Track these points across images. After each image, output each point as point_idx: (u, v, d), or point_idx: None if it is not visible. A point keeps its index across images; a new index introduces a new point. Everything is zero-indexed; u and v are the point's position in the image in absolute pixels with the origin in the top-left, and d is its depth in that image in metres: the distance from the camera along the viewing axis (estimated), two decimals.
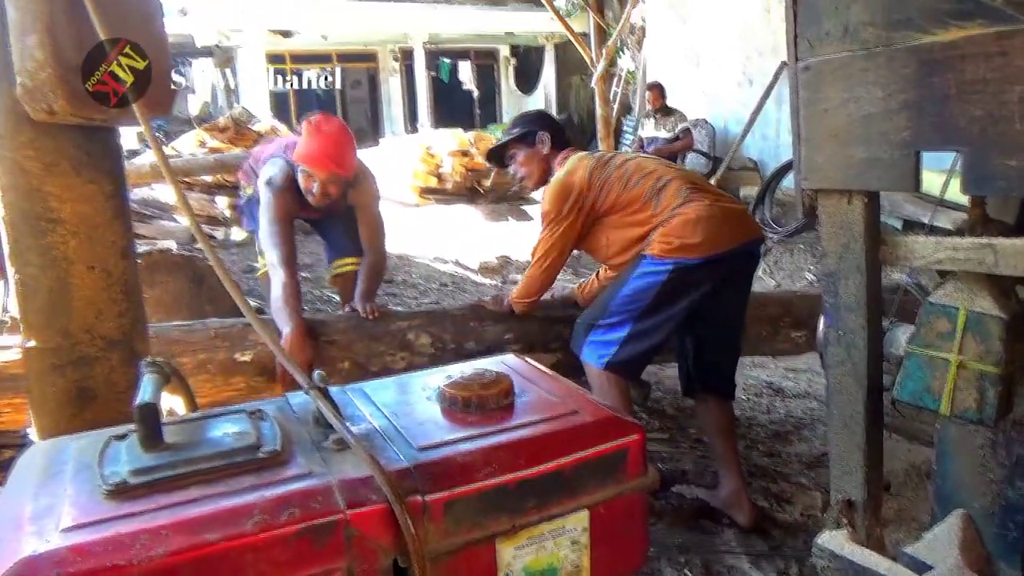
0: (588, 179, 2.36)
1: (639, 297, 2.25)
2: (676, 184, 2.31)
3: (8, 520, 0.80)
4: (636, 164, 2.42)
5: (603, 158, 2.46)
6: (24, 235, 1.28)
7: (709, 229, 2.20)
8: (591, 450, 0.92)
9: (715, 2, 8.28)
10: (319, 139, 2.55)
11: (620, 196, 2.34)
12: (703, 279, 2.23)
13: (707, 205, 2.24)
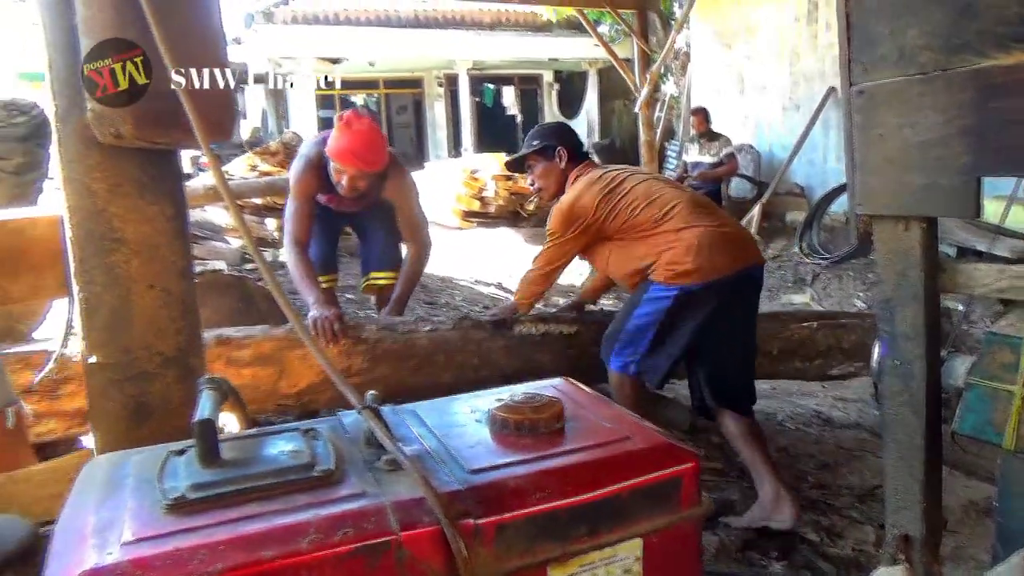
0: (595, 207, 2.46)
1: (649, 324, 2.36)
2: (681, 209, 2.40)
3: (72, 532, 0.82)
4: (644, 189, 2.49)
5: (612, 184, 2.53)
6: (89, 254, 1.32)
7: (711, 255, 2.29)
8: (645, 477, 0.91)
9: (761, 28, 8.24)
10: (348, 136, 2.65)
11: (626, 222, 2.44)
12: (707, 301, 2.31)
13: (710, 231, 2.33)
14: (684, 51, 10.84)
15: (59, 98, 1.27)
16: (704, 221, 2.36)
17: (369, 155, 2.67)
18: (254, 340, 2.44)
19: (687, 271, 2.29)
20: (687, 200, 2.46)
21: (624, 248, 2.48)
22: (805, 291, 6.22)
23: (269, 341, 2.46)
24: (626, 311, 2.48)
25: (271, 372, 2.42)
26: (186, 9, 1.25)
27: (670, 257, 2.33)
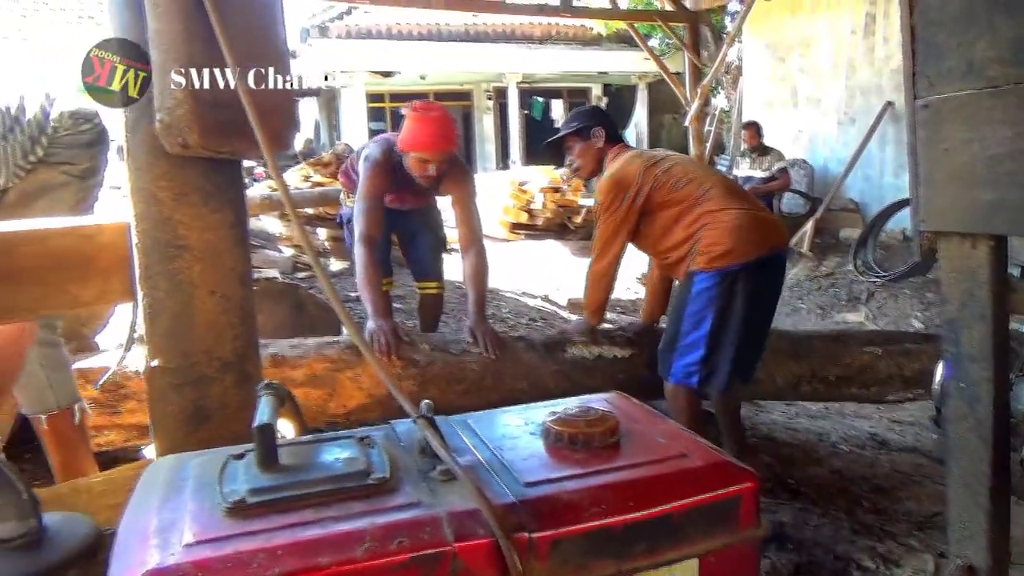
0: (640, 176, 2.53)
1: (702, 313, 2.42)
2: (716, 191, 2.51)
3: (135, 532, 0.84)
4: (682, 168, 2.60)
5: (653, 158, 2.63)
6: (154, 261, 1.36)
7: (748, 235, 2.41)
8: (702, 496, 0.89)
9: (816, 40, 8.11)
10: (428, 123, 2.76)
11: (669, 195, 2.52)
12: (747, 281, 2.42)
13: (744, 213, 2.45)
14: (736, 64, 10.74)
15: (130, 109, 1.32)
16: (737, 204, 2.49)
17: (451, 135, 2.82)
18: (307, 361, 2.49)
19: (726, 252, 2.39)
20: (720, 182, 2.60)
21: (669, 223, 2.53)
22: (859, 310, 6.08)
23: (321, 362, 2.50)
24: (676, 315, 2.51)
25: (322, 393, 2.47)
26: (252, 23, 1.28)
27: (709, 239, 2.42)
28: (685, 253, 2.52)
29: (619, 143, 2.73)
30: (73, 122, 1.94)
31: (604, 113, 2.93)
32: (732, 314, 2.43)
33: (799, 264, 7.10)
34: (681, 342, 2.47)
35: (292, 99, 1.34)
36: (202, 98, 1.21)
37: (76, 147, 1.96)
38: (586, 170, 2.76)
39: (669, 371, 2.50)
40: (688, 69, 9.14)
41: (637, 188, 2.52)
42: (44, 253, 1.43)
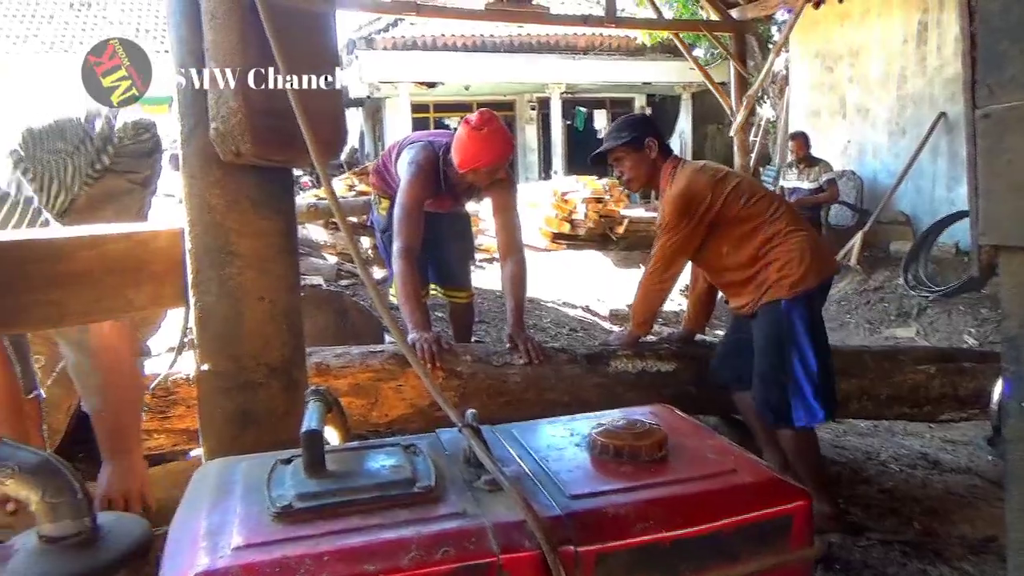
0: (711, 191, 2.46)
1: (800, 343, 2.37)
2: (784, 212, 2.49)
3: (185, 534, 0.85)
4: (748, 185, 2.57)
5: (718, 172, 2.57)
6: (206, 266, 1.39)
7: (819, 258, 2.43)
8: (753, 513, 0.87)
9: (866, 49, 7.96)
10: (485, 140, 2.74)
11: (740, 211, 2.46)
12: (819, 303, 2.46)
13: (811, 236, 2.47)
14: (782, 74, 10.59)
15: (185, 118, 1.35)
16: (803, 227, 2.49)
17: (508, 147, 2.85)
18: (351, 370, 2.51)
19: (803, 275, 2.37)
20: (785, 206, 2.57)
21: (735, 240, 2.48)
22: (910, 325, 5.92)
23: (365, 372, 2.53)
24: (775, 353, 2.40)
25: (365, 402, 2.49)
26: (305, 35, 1.30)
27: (784, 261, 2.39)
28: (750, 275, 2.46)
29: (671, 155, 2.66)
30: (135, 132, 2.04)
31: (653, 122, 2.86)
32: (820, 335, 2.42)
33: (847, 278, 6.95)
34: (791, 381, 2.37)
35: (342, 109, 1.36)
36: (255, 108, 1.24)
37: (138, 156, 2.05)
38: (637, 183, 2.66)
39: (788, 416, 2.37)
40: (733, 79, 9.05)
41: (708, 204, 2.45)
42: (100, 258, 1.46)
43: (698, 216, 2.46)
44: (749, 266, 2.46)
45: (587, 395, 2.64)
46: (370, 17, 12.95)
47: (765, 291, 2.41)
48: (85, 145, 1.94)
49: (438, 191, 2.87)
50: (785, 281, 2.37)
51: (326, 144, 1.29)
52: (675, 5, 10.76)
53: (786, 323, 2.36)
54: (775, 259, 2.40)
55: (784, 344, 2.37)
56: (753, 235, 2.45)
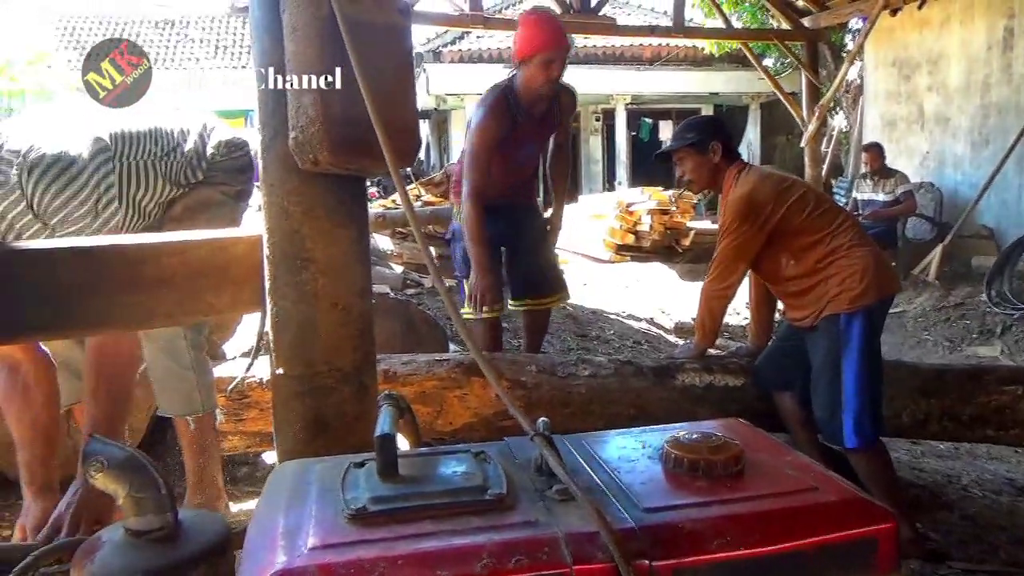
0: (775, 198, 2.44)
1: (857, 358, 2.32)
2: (849, 226, 2.46)
3: (264, 533, 0.87)
4: (814, 195, 2.54)
5: (784, 180, 2.55)
6: (282, 272, 1.42)
7: (881, 274, 2.38)
8: (836, 533, 0.84)
9: (947, 57, 7.67)
10: (542, 23, 2.91)
11: (803, 222, 2.43)
12: (878, 320, 2.40)
13: (875, 252, 2.43)
14: (856, 83, 10.31)
15: (266, 128, 1.39)
16: (868, 242, 2.46)
17: (562, 31, 2.96)
18: (418, 378, 2.55)
19: (863, 291, 2.32)
20: (850, 219, 2.54)
21: (797, 250, 2.45)
22: (994, 344, 5.65)
23: (431, 380, 2.56)
24: (831, 368, 2.36)
25: (430, 411, 2.52)
26: (382, 46, 1.32)
27: (846, 275, 2.35)
28: (809, 286, 2.43)
29: (738, 160, 2.63)
30: (228, 150, 2.17)
31: (721, 125, 2.82)
32: (878, 353, 2.39)
33: (924, 293, 6.69)
34: (843, 399, 2.33)
35: (416, 118, 1.38)
36: (333, 117, 1.26)
37: (231, 171, 2.16)
38: (698, 185, 2.67)
39: (848, 437, 2.33)
40: (805, 89, 8.85)
41: (769, 211, 2.43)
42: (183, 263, 1.52)
43: (759, 222, 2.42)
44: (809, 277, 2.42)
45: (653, 409, 2.61)
46: (437, 31, 13.17)
47: (825, 305, 2.37)
48: (175, 153, 2.04)
49: (514, 125, 2.93)
50: (845, 295, 2.33)
51: (401, 153, 1.31)
52: (744, 15, 10.60)
53: (844, 338, 2.33)
54: (836, 272, 2.36)
55: (840, 360, 2.34)
56: (815, 247, 2.41)
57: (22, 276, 1.36)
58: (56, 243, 1.54)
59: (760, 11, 10.31)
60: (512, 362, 2.70)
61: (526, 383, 2.59)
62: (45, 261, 1.39)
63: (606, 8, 8.04)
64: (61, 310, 1.38)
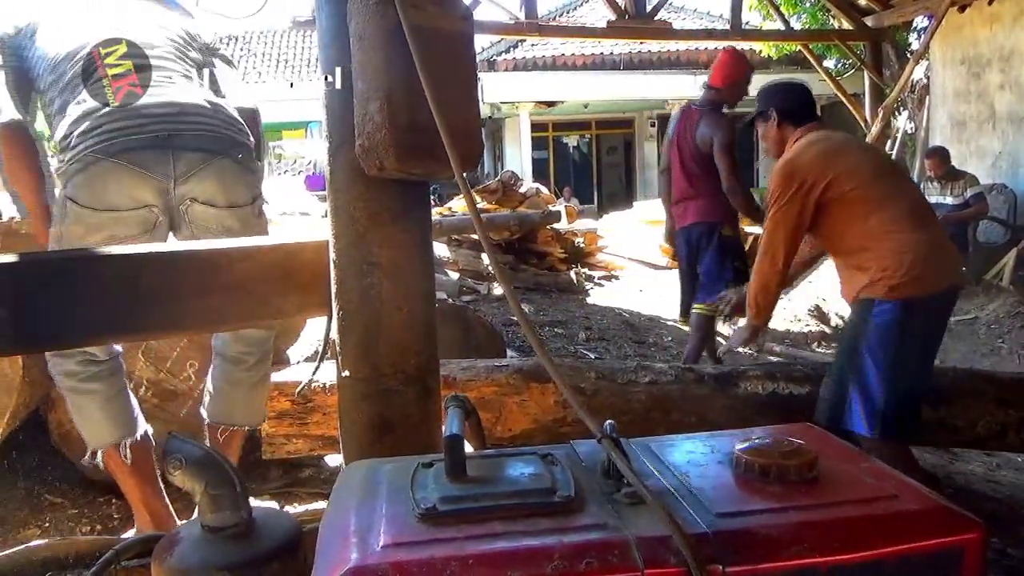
0: (815, 164, 2.32)
1: (883, 349, 2.19)
2: (908, 203, 2.31)
3: (336, 531, 0.88)
4: (872, 164, 2.39)
5: (839, 146, 2.42)
6: (348, 276, 1.44)
7: (934, 266, 2.21)
8: (918, 543, 0.81)
9: (1019, 53, 7.38)
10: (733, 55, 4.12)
11: (849, 192, 2.28)
12: (928, 314, 2.24)
13: (930, 241, 2.25)
14: (922, 83, 9.99)
15: (333, 135, 1.42)
16: (927, 224, 2.30)
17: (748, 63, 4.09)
18: (477, 384, 2.56)
19: (906, 281, 2.18)
20: (913, 194, 2.41)
21: (846, 222, 2.32)
22: None
23: (490, 386, 2.57)
24: (851, 350, 2.30)
25: (489, 416, 2.53)
26: (446, 53, 1.34)
27: (891, 260, 2.20)
28: (853, 263, 2.32)
29: (805, 124, 2.51)
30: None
31: (785, 91, 2.68)
32: (910, 351, 2.23)
33: (998, 299, 6.42)
34: (858, 385, 2.24)
35: (479, 124, 1.39)
36: (399, 123, 1.28)
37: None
38: (773, 153, 2.60)
39: (842, 418, 2.26)
40: (868, 90, 8.62)
41: (812, 180, 2.29)
42: (254, 268, 1.56)
43: (802, 192, 2.29)
44: (852, 255, 2.31)
45: (714, 416, 2.57)
46: (492, 40, 13.26)
47: (863, 286, 2.25)
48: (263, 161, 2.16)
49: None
50: (883, 283, 2.20)
51: (465, 158, 1.32)
52: (803, 16, 10.38)
53: (871, 324, 2.22)
54: (880, 255, 2.22)
55: (860, 344, 2.23)
56: (860, 221, 2.28)
57: (108, 280, 1.41)
58: (138, 248, 1.60)
59: (820, 11, 10.08)
60: (572, 368, 2.70)
61: (585, 389, 2.57)
62: (129, 266, 1.45)
63: (662, 12, 7.98)
64: (141, 313, 1.43)
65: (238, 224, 2.10)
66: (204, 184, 2.03)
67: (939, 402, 2.58)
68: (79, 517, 2.53)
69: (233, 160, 2.07)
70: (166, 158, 1.97)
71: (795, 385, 2.63)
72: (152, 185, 1.98)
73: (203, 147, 2.02)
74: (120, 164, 1.94)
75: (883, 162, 2.59)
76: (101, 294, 1.43)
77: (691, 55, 13.94)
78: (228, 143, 2.08)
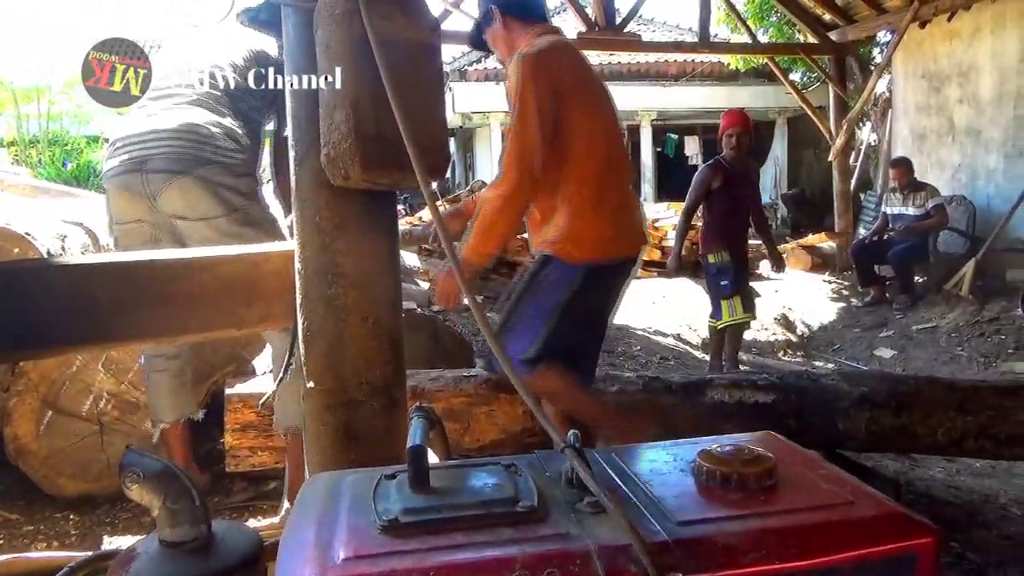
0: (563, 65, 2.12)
1: (547, 300, 2.18)
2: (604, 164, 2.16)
3: (297, 543, 0.87)
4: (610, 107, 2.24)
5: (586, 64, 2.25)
6: (313, 287, 1.44)
7: (614, 231, 2.18)
8: (873, 548, 0.82)
9: (978, 69, 7.57)
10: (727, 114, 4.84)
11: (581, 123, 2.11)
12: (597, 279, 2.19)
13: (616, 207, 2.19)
14: (884, 96, 10.21)
15: (299, 144, 1.41)
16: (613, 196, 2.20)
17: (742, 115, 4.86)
18: (445, 394, 2.55)
19: (586, 243, 2.13)
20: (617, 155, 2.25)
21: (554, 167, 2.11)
22: None
23: (458, 396, 2.56)
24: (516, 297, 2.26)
25: (457, 427, 2.53)
26: (412, 64, 1.34)
27: (570, 224, 2.12)
28: (548, 215, 2.19)
29: (534, 22, 2.25)
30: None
31: None
32: (575, 310, 2.19)
33: (958, 308, 6.57)
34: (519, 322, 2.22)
35: (446, 134, 1.39)
36: (365, 133, 1.28)
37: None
38: (502, 58, 2.35)
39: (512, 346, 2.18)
40: (833, 103, 8.79)
41: (558, 80, 2.05)
42: (215, 278, 1.54)
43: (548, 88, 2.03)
44: (546, 203, 2.17)
45: (681, 426, 2.59)
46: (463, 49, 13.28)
47: (546, 242, 2.19)
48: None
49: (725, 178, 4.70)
50: (561, 243, 2.14)
51: (432, 168, 1.33)
52: (770, 29, 10.57)
53: (540, 276, 2.19)
54: (566, 214, 2.13)
55: (528, 289, 2.21)
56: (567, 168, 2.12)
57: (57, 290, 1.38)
58: (92, 258, 1.57)
59: (786, 25, 10.27)
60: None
61: None
62: (84, 276, 1.42)
63: (631, 25, 8.06)
64: (95, 324, 1.40)
65: (215, 234, 2.28)
66: (173, 201, 2.28)
67: (900, 409, 2.63)
68: (35, 534, 2.47)
69: (194, 177, 2.26)
70: (141, 180, 2.27)
71: (761, 394, 2.66)
72: (137, 202, 2.31)
73: (167, 168, 2.26)
74: (113, 186, 2.33)
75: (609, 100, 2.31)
76: (57, 304, 1.41)
77: (660, 67, 14.10)
78: (192, 162, 2.26)
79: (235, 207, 2.31)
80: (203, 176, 2.27)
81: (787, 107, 14.17)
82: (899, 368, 5.87)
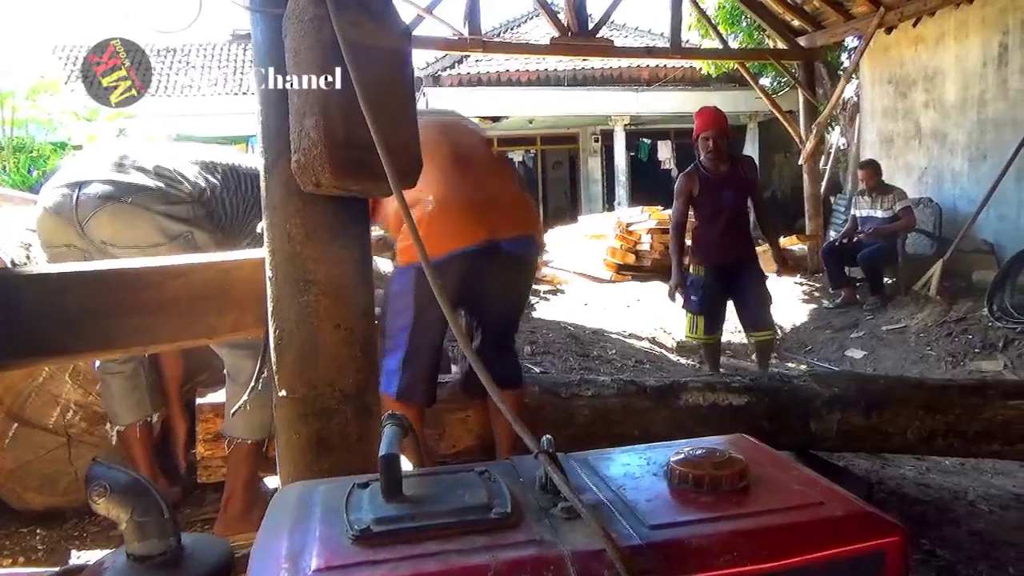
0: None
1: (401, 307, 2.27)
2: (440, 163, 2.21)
3: (268, 554, 0.86)
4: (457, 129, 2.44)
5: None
6: (285, 294, 1.43)
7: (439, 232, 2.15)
8: (842, 548, 0.84)
9: (942, 74, 7.72)
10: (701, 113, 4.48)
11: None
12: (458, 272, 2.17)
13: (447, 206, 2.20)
14: (852, 100, 10.37)
15: (268, 151, 1.40)
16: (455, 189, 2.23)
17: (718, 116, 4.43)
18: None
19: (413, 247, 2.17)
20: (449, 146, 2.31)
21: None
22: (996, 358, 5.63)
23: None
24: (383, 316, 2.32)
25: (432, 433, 2.52)
26: (383, 70, 1.34)
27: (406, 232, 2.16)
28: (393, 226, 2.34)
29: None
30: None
31: None
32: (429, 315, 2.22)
33: (926, 308, 6.68)
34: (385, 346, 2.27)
35: (418, 140, 1.39)
36: (335, 139, 1.28)
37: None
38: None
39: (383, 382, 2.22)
40: (802, 107, 8.91)
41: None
42: (186, 286, 1.53)
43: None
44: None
45: (656, 429, 2.60)
46: (436, 55, 13.28)
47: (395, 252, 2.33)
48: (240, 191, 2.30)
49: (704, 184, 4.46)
50: (403, 253, 2.26)
51: (403, 174, 1.32)
52: (740, 35, 10.69)
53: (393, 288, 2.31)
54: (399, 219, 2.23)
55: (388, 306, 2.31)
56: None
57: (24, 300, 1.36)
58: (63, 267, 1.55)
59: (756, 31, 10.39)
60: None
61: (528, 405, 2.58)
62: (52, 285, 1.40)
63: (603, 30, 8.11)
64: (68, 333, 1.38)
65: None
66: (102, 227, 2.24)
67: (871, 409, 2.67)
68: (0, 550, 2.42)
69: (126, 203, 2.22)
70: (72, 202, 2.24)
71: (734, 396, 2.69)
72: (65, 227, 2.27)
73: (101, 192, 2.23)
74: (43, 208, 2.30)
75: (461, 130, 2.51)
76: (25, 315, 1.38)
77: (633, 72, 14.21)
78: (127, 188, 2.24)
79: (174, 235, 2.25)
80: (137, 203, 2.23)
81: (758, 111, 14.34)
82: (870, 368, 5.95)
